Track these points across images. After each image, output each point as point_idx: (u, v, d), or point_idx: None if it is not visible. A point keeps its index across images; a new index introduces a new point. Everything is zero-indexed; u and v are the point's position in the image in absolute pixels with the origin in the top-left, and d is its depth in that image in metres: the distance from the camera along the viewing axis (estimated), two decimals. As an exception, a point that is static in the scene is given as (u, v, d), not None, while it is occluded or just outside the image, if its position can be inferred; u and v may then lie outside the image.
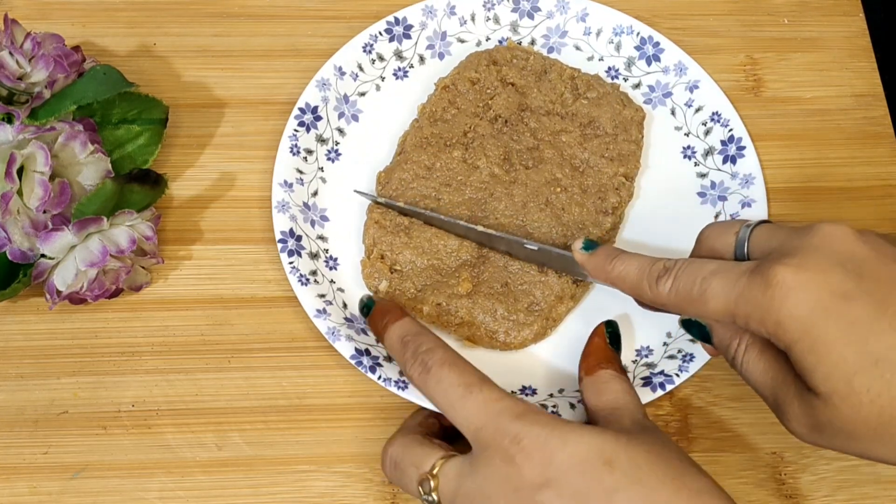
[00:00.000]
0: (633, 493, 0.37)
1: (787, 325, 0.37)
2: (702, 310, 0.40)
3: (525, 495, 0.38)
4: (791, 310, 0.36)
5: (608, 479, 0.37)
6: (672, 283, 0.41)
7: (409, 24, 0.58)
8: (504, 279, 0.50)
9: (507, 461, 0.39)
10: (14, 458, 0.48)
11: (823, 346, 0.36)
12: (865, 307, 0.36)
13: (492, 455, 0.39)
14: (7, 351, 0.50)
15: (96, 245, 0.48)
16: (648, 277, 0.42)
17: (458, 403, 0.41)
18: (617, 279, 0.44)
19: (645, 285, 0.43)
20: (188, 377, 0.50)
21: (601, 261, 0.45)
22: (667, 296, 0.41)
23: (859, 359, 0.36)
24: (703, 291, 0.40)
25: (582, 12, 0.59)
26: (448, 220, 0.51)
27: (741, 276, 0.38)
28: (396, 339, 0.45)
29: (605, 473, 0.37)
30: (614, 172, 0.53)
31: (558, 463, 0.38)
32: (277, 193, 0.52)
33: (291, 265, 0.50)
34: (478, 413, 0.40)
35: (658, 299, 0.42)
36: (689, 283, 0.40)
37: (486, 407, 0.40)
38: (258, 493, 0.47)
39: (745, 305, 0.38)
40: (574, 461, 0.38)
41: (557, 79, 0.56)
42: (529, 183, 0.53)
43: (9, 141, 0.48)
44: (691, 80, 0.57)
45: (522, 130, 0.55)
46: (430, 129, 0.54)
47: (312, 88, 0.55)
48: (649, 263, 0.43)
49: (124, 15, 0.60)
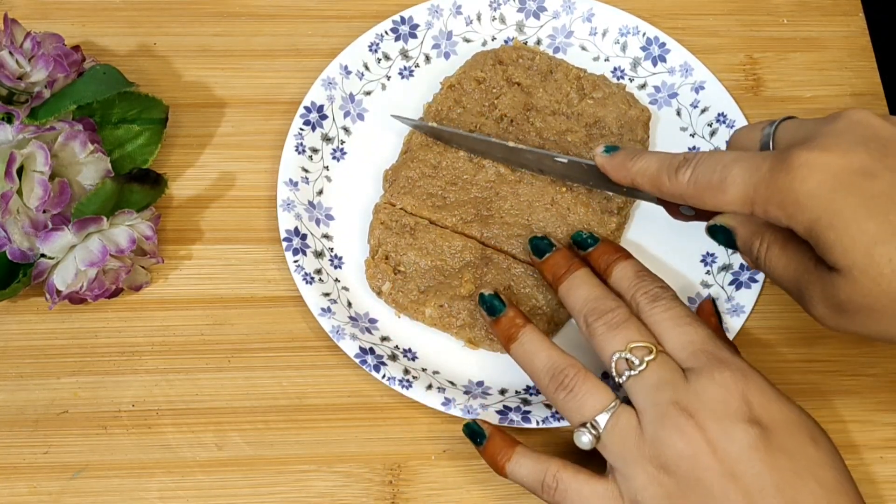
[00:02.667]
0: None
1: (806, 203, 0.37)
2: (720, 198, 0.40)
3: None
4: (812, 189, 0.37)
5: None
6: (692, 173, 0.41)
7: (415, 23, 0.58)
8: (507, 282, 0.50)
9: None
10: (14, 458, 0.48)
11: (843, 220, 0.36)
12: (888, 183, 0.36)
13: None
14: (7, 351, 0.50)
15: (96, 245, 0.48)
16: (668, 169, 0.43)
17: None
18: (637, 174, 0.45)
19: (664, 177, 0.43)
20: (188, 377, 0.50)
21: (622, 160, 0.46)
22: (685, 185, 0.42)
23: (880, 230, 0.36)
24: (722, 178, 0.40)
25: (588, 12, 0.59)
26: (479, 138, 0.52)
27: (763, 161, 0.39)
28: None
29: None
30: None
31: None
32: (283, 192, 0.52)
33: (296, 263, 0.50)
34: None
35: (676, 190, 0.42)
36: (709, 171, 0.41)
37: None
38: (258, 493, 0.47)
39: (765, 190, 0.38)
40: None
41: (563, 78, 0.56)
42: (535, 182, 0.53)
43: (8, 140, 0.48)
44: (697, 80, 0.57)
45: (528, 130, 0.55)
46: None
47: (318, 87, 0.55)
48: (669, 157, 0.43)
49: (124, 14, 0.60)
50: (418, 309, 0.50)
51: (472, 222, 0.52)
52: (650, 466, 0.40)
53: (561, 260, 0.47)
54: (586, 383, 0.42)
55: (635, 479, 0.40)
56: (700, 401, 0.40)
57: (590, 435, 0.41)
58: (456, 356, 0.50)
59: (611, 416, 0.41)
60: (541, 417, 0.47)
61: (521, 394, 0.49)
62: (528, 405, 0.48)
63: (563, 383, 0.42)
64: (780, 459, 0.38)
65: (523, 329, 0.45)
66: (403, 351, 0.50)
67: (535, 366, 0.44)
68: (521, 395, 0.49)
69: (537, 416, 0.47)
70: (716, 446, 0.39)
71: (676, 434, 0.39)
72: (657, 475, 0.39)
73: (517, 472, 0.43)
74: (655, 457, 0.40)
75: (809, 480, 0.38)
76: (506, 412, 0.47)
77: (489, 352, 0.50)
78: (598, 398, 0.42)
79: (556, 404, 0.43)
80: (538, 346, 0.44)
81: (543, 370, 0.43)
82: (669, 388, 0.40)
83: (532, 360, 0.44)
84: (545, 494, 0.43)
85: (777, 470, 0.38)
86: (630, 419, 0.41)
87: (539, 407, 0.48)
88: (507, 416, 0.47)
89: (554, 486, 0.42)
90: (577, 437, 0.41)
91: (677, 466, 0.39)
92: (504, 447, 0.44)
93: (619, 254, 0.47)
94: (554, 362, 0.43)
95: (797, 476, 0.38)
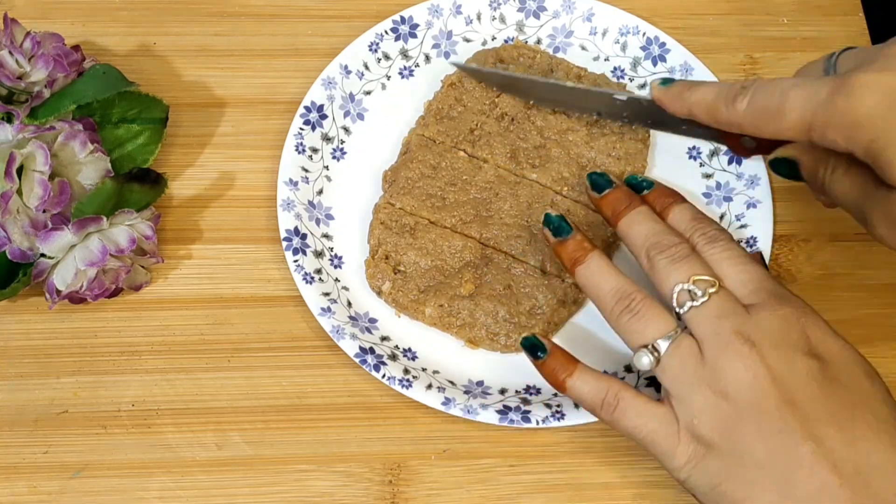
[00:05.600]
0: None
1: (865, 124, 0.38)
2: (779, 125, 0.41)
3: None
4: (869, 109, 0.37)
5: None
6: (749, 100, 0.42)
7: (415, 23, 0.58)
8: (507, 281, 0.50)
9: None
10: (14, 458, 0.48)
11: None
12: None
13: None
14: (7, 350, 0.50)
15: (96, 244, 0.48)
16: (726, 97, 0.43)
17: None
18: (694, 105, 0.45)
19: (721, 105, 0.43)
20: (188, 377, 0.50)
21: (679, 91, 0.46)
22: (743, 113, 0.42)
23: None
24: (781, 104, 0.40)
25: (588, 12, 0.59)
26: (525, 78, 0.53)
27: (822, 85, 0.39)
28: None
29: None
30: (621, 171, 0.53)
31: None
32: (282, 191, 0.52)
33: (296, 263, 0.50)
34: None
35: (734, 118, 0.43)
36: (768, 98, 0.41)
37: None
38: (258, 492, 0.47)
39: (823, 113, 0.39)
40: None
41: (564, 77, 0.56)
42: (534, 184, 0.52)
43: (8, 140, 0.48)
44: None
45: (529, 129, 0.55)
46: (436, 126, 0.54)
47: (318, 87, 0.55)
48: (726, 86, 0.44)
49: (124, 14, 0.60)
50: (418, 308, 0.50)
51: (471, 223, 0.52)
52: (708, 391, 0.40)
53: (621, 195, 0.47)
54: (652, 308, 0.43)
55: (692, 403, 0.40)
56: (761, 331, 0.40)
57: (650, 357, 0.41)
58: (456, 356, 0.50)
59: (672, 340, 0.41)
60: (541, 417, 0.47)
61: (520, 393, 0.49)
62: (527, 405, 0.48)
63: (629, 306, 0.43)
64: (837, 390, 0.39)
65: (592, 252, 0.45)
66: (403, 350, 0.50)
67: (602, 288, 0.44)
68: (521, 395, 0.49)
69: (537, 416, 0.47)
70: (775, 373, 0.39)
71: (738, 360, 0.40)
72: (715, 400, 0.40)
73: (579, 387, 0.43)
74: (714, 382, 0.40)
75: (865, 412, 0.39)
76: (506, 412, 0.47)
77: (489, 351, 0.50)
78: (661, 323, 0.42)
79: (618, 326, 0.43)
80: (607, 269, 0.44)
81: (611, 292, 0.44)
82: (731, 317, 0.41)
83: (599, 283, 0.44)
84: (604, 412, 0.43)
85: (834, 399, 0.39)
86: (691, 346, 0.41)
87: (539, 406, 0.48)
88: (506, 415, 0.47)
89: (615, 403, 0.42)
90: (638, 359, 0.42)
91: (736, 392, 0.39)
92: (566, 362, 0.44)
93: (676, 197, 0.48)
94: (622, 286, 0.44)
95: (854, 407, 0.39)
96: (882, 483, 0.37)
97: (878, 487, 0.37)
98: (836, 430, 0.38)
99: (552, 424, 0.47)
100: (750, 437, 0.39)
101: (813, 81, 0.40)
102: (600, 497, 0.48)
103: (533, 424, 0.47)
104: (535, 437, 0.49)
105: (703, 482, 0.40)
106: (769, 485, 0.38)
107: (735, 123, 0.43)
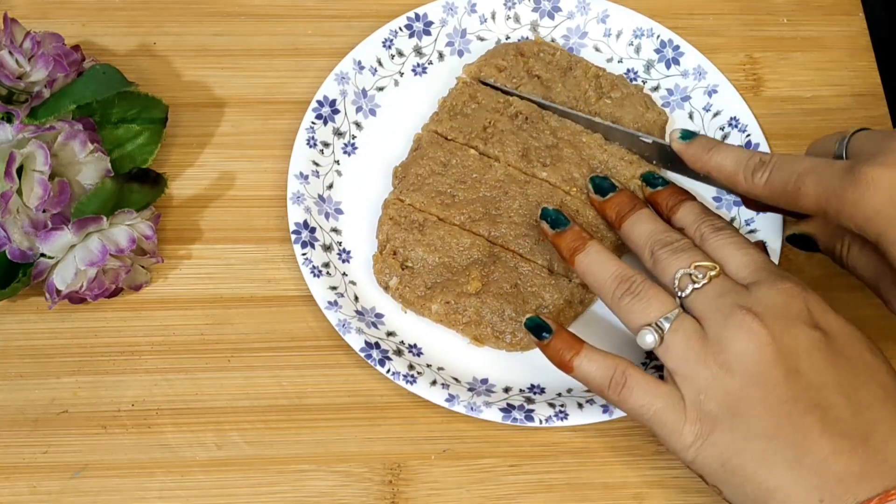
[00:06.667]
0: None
1: (874, 219, 0.39)
2: (795, 205, 0.43)
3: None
4: (876, 206, 0.39)
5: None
6: (768, 177, 0.44)
7: (430, 20, 0.58)
8: (514, 280, 0.50)
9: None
10: (14, 458, 0.48)
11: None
12: None
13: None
14: (7, 350, 0.50)
15: (96, 244, 0.48)
16: (745, 170, 0.45)
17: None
18: (714, 169, 0.47)
19: (741, 177, 0.46)
20: (188, 377, 0.50)
21: (698, 150, 0.48)
22: (762, 188, 0.45)
23: None
24: (797, 188, 0.43)
25: (602, 13, 0.59)
26: (551, 105, 0.55)
27: (833, 175, 0.41)
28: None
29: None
30: (632, 175, 0.53)
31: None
32: (293, 185, 0.52)
33: (304, 256, 0.50)
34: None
35: (753, 191, 0.45)
36: (785, 179, 0.43)
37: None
38: (258, 492, 0.47)
39: (836, 203, 0.41)
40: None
41: (582, 76, 0.56)
42: (544, 183, 0.52)
43: (8, 140, 0.48)
44: (710, 84, 0.57)
45: (543, 128, 0.54)
46: (449, 122, 0.54)
47: (331, 82, 0.55)
48: (746, 156, 0.46)
49: (124, 14, 0.60)
50: (425, 305, 0.50)
51: (480, 221, 0.52)
52: (714, 366, 0.40)
53: (625, 199, 0.49)
54: (653, 289, 0.43)
55: (697, 379, 0.40)
56: (762, 305, 0.41)
57: (654, 335, 0.42)
58: (461, 353, 0.50)
59: (675, 319, 0.42)
60: (544, 416, 0.47)
61: (524, 392, 0.49)
62: (531, 403, 0.48)
63: (629, 288, 0.43)
64: (840, 360, 0.39)
65: (590, 241, 0.46)
66: (409, 346, 0.50)
67: (602, 274, 0.45)
68: (525, 394, 0.49)
69: (541, 415, 0.47)
70: (779, 343, 0.39)
71: (741, 331, 0.40)
72: (720, 375, 0.40)
73: (585, 366, 0.43)
74: (719, 354, 0.40)
75: (869, 382, 0.39)
76: (509, 410, 0.47)
77: (494, 349, 0.50)
78: (663, 303, 0.43)
79: (620, 309, 0.44)
80: (606, 255, 0.45)
81: (611, 276, 0.44)
82: (733, 294, 0.41)
83: (600, 269, 0.45)
84: (611, 391, 0.43)
85: (839, 369, 0.39)
86: (694, 324, 0.42)
87: (542, 406, 0.47)
88: (510, 414, 0.47)
89: (622, 382, 0.42)
90: (641, 337, 0.42)
91: (739, 364, 0.40)
92: (572, 342, 0.44)
93: (687, 195, 0.49)
94: (622, 270, 0.44)
95: (857, 377, 0.39)
96: (893, 450, 0.37)
97: (888, 454, 0.37)
98: (842, 398, 0.38)
99: (555, 424, 0.47)
100: (757, 409, 0.39)
101: (827, 167, 0.42)
102: (600, 497, 0.48)
103: (536, 423, 0.47)
104: (536, 437, 0.49)
105: (711, 460, 0.40)
106: (779, 455, 0.38)
107: (754, 195, 0.46)
